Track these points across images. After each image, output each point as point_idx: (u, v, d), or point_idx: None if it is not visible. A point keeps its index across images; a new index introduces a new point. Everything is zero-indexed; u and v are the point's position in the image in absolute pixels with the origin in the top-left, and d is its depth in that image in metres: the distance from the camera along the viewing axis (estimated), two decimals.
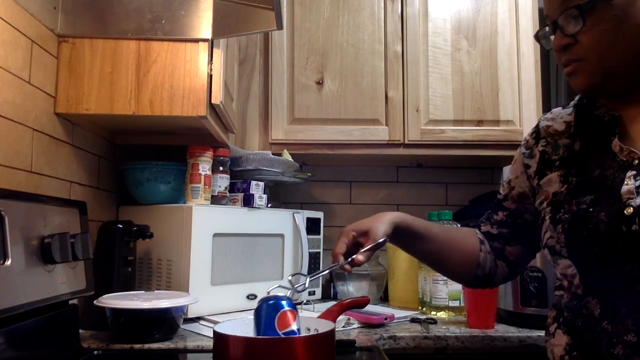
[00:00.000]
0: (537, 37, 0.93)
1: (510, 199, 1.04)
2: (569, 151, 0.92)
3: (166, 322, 1.17)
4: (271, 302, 0.89)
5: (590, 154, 0.88)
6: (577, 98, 0.97)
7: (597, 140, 0.89)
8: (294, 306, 0.90)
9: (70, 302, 1.06)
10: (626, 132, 0.86)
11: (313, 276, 0.95)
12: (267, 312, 0.88)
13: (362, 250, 0.94)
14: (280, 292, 0.92)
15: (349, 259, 0.94)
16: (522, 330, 1.35)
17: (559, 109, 1.00)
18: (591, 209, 0.81)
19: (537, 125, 1.01)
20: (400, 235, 1.00)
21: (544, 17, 0.91)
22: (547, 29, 0.91)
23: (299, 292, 0.94)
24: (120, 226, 1.30)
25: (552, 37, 0.89)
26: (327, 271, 0.97)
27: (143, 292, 1.30)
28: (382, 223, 0.96)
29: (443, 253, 1.05)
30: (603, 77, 0.84)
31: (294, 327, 0.88)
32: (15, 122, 1.05)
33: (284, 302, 0.89)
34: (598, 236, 0.80)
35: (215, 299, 1.39)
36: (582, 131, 0.92)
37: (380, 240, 0.94)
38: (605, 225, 0.79)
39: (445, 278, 1.53)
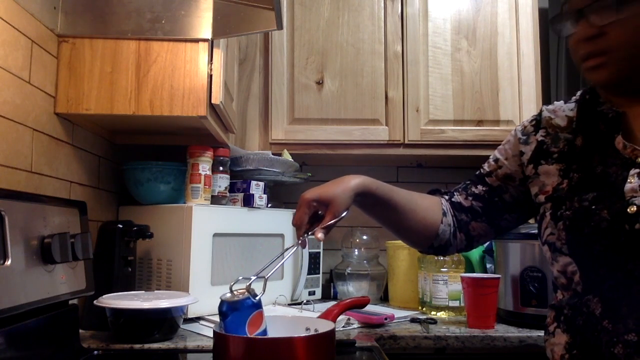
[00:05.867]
0: (552, 21, 0.88)
1: (495, 176, 1.04)
2: (569, 146, 0.91)
3: (166, 322, 1.17)
4: (236, 311, 0.86)
5: (592, 150, 0.87)
6: (579, 94, 0.96)
7: (599, 137, 0.88)
8: (259, 305, 0.87)
9: (70, 302, 1.06)
10: (630, 129, 0.85)
11: (267, 267, 0.91)
12: (235, 320, 0.86)
13: (322, 227, 0.91)
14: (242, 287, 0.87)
15: (308, 234, 0.92)
16: (522, 330, 1.35)
17: (561, 102, 0.98)
18: (593, 207, 0.81)
19: (540, 114, 0.99)
20: (362, 201, 0.99)
21: (546, 15, 0.88)
22: (564, 15, 0.85)
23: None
24: (120, 226, 1.30)
25: (568, 24, 0.84)
26: (285, 259, 0.96)
27: (143, 292, 1.30)
28: (344, 194, 0.93)
29: (403, 222, 1.04)
30: (629, 73, 0.80)
31: (262, 328, 0.87)
32: (15, 122, 1.05)
33: (249, 307, 0.86)
34: (600, 234, 0.79)
35: (215, 299, 1.37)
36: (584, 127, 0.91)
37: (342, 215, 0.92)
38: (608, 223, 0.79)
39: (445, 278, 1.53)
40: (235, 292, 0.87)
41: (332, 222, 0.91)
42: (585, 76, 0.86)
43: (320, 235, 0.91)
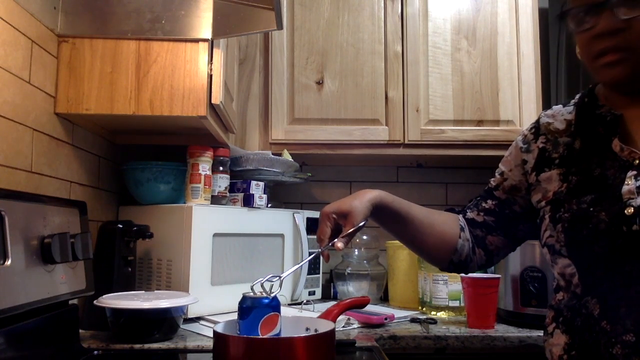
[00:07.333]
0: (567, 14, 0.83)
1: (502, 189, 1.04)
2: (569, 150, 0.92)
3: (166, 322, 1.17)
4: (255, 306, 0.87)
5: (590, 153, 0.88)
6: (577, 97, 0.97)
7: (597, 140, 0.88)
8: (277, 306, 0.88)
9: (70, 302, 1.06)
10: (628, 132, 0.86)
11: (288, 274, 0.94)
12: (251, 316, 0.86)
13: (341, 236, 0.93)
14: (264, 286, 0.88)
15: (329, 244, 0.94)
16: (522, 330, 1.35)
17: (560, 106, 0.99)
18: (591, 209, 0.81)
19: (538, 121, 1.00)
20: (379, 215, 1.00)
21: (546, 15, 0.87)
22: (580, 7, 0.81)
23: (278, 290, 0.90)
24: (120, 226, 1.30)
25: (585, 17, 0.81)
26: (304, 263, 0.98)
27: (143, 292, 1.30)
28: (361, 204, 0.95)
29: (420, 236, 1.04)
30: None
31: (276, 331, 0.88)
32: (15, 122, 1.05)
33: (266, 307, 0.87)
34: (598, 236, 0.80)
35: (215, 299, 1.39)
36: (582, 130, 0.92)
37: (360, 224, 0.94)
38: (606, 225, 0.79)
39: (445, 278, 1.53)
40: (257, 291, 0.88)
41: (350, 231, 0.93)
42: (598, 73, 0.85)
43: (340, 245, 0.93)
